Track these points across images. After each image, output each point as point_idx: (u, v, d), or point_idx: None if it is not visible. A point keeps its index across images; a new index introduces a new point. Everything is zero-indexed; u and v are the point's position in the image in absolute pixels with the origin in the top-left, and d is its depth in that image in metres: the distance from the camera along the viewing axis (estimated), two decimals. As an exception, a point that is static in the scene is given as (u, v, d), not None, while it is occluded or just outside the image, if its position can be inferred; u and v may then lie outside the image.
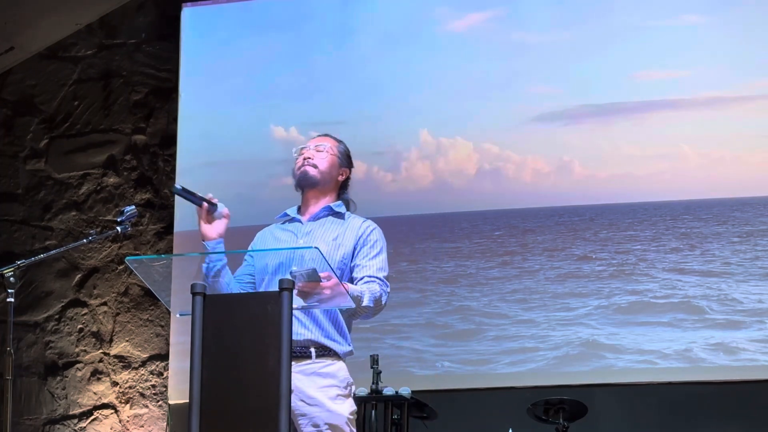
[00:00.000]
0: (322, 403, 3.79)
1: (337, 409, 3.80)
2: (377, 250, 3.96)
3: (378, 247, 3.96)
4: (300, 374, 3.79)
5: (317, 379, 3.82)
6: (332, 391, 3.82)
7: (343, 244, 3.93)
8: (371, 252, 3.94)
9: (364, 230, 3.97)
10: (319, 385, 3.81)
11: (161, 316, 6.99)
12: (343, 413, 3.81)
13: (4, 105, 7.60)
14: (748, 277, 6.12)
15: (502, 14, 6.79)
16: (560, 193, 6.52)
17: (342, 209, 4.04)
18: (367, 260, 3.93)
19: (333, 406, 3.79)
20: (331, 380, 3.83)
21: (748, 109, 6.27)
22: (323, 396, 3.80)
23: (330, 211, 4.02)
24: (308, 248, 3.76)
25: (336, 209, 4.02)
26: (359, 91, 6.91)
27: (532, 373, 6.20)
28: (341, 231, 3.96)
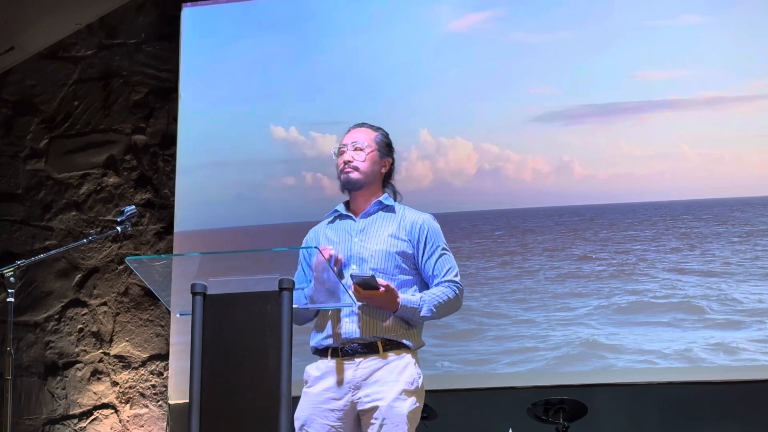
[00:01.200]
0: (386, 398, 3.78)
1: (398, 406, 3.79)
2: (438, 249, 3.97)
3: (437, 245, 3.98)
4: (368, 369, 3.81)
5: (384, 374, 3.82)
6: (397, 386, 3.81)
7: (398, 241, 3.94)
8: (432, 253, 3.96)
9: (420, 229, 3.97)
10: (385, 380, 3.81)
11: (161, 316, 6.99)
12: (403, 411, 3.79)
13: (4, 105, 7.60)
14: (748, 277, 6.12)
15: (502, 14, 6.79)
16: (560, 193, 6.52)
17: (391, 202, 4.04)
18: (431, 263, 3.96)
19: (396, 402, 3.79)
20: (397, 376, 3.83)
21: (748, 109, 6.27)
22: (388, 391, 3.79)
23: (380, 206, 4.02)
24: (308, 248, 3.77)
25: (386, 203, 4.02)
26: (359, 91, 6.91)
27: (532, 373, 6.20)
28: (395, 227, 3.96)
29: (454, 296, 3.93)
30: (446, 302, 3.91)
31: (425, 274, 3.97)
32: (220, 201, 6.98)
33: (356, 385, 3.80)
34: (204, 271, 3.71)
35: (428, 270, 3.96)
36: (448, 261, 3.98)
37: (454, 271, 3.98)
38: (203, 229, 6.93)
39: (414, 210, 4.05)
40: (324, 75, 6.98)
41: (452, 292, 3.93)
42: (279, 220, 6.64)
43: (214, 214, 6.93)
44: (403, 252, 3.93)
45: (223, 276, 3.91)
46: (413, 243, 3.95)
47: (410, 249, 3.95)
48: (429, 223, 4.01)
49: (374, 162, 4.02)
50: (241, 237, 6.79)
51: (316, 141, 6.83)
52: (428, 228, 3.99)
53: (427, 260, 3.96)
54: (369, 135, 4.06)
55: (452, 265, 3.99)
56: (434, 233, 3.99)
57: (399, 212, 4.01)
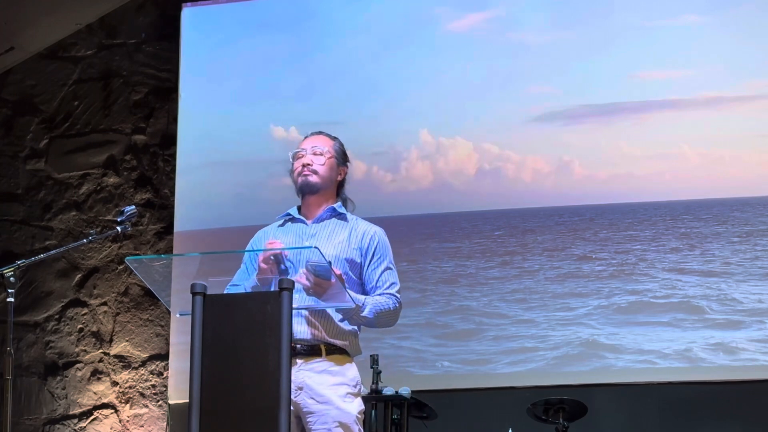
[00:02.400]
0: (332, 402, 3.79)
1: (346, 408, 3.81)
2: (384, 261, 4.00)
3: (384, 258, 4.00)
4: (310, 372, 3.81)
5: (327, 377, 3.83)
6: (342, 389, 3.83)
7: (348, 249, 3.95)
8: (379, 265, 3.98)
9: (370, 240, 3.99)
10: (329, 383, 3.82)
11: (161, 316, 6.99)
12: (352, 412, 3.82)
13: (4, 105, 7.60)
14: (748, 277, 6.12)
15: (502, 14, 6.79)
16: (560, 193, 6.52)
17: (344, 210, 4.06)
18: (376, 274, 3.97)
19: (342, 404, 3.81)
20: (341, 378, 3.85)
21: (748, 109, 6.27)
22: (333, 394, 3.80)
23: (333, 213, 4.03)
24: (309, 248, 3.77)
25: (339, 210, 4.04)
26: (359, 91, 6.91)
27: (532, 373, 6.20)
28: (346, 235, 3.98)
29: (394, 308, 3.96)
30: (386, 311, 3.93)
31: (368, 283, 3.98)
32: (220, 201, 6.98)
33: (298, 386, 3.78)
34: (204, 271, 3.71)
35: (372, 280, 3.97)
36: (393, 276, 4.01)
37: (397, 287, 4.00)
38: (203, 229, 6.93)
39: (366, 222, 4.08)
40: (324, 75, 6.98)
41: (393, 304, 3.95)
42: (279, 220, 6.64)
43: (214, 214, 6.93)
44: (351, 260, 3.94)
45: (223, 276, 3.92)
46: (362, 251, 3.97)
47: (358, 258, 3.96)
48: (380, 235, 4.04)
49: (332, 168, 4.05)
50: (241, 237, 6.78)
51: (316, 141, 6.81)
52: (378, 239, 4.01)
53: (372, 270, 3.97)
54: (327, 142, 4.09)
55: (396, 281, 4.01)
56: (383, 246, 4.02)
57: (351, 221, 4.04)
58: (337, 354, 3.88)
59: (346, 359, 3.90)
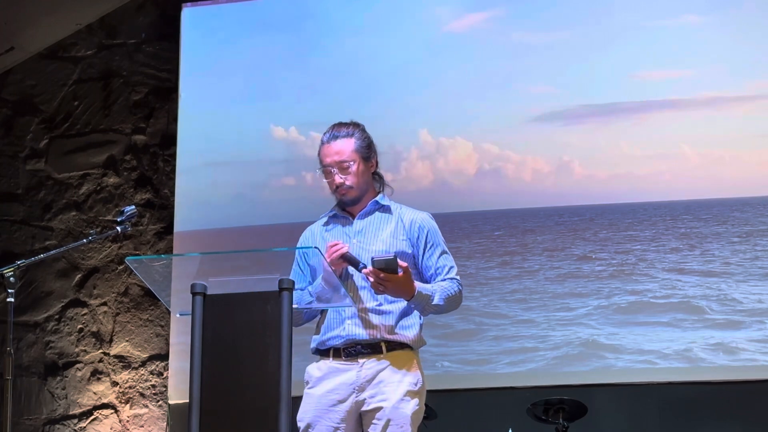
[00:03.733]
0: (390, 400, 3.79)
1: (402, 408, 3.80)
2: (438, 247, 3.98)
3: (437, 244, 3.99)
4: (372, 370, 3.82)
5: (387, 375, 3.82)
6: (401, 388, 3.82)
7: (397, 241, 3.95)
8: (434, 252, 3.97)
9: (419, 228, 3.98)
10: (388, 382, 3.82)
11: (161, 316, 6.99)
12: (407, 412, 3.80)
13: (4, 105, 7.60)
14: (748, 277, 6.12)
15: (502, 14, 6.79)
16: (560, 193, 6.52)
17: (387, 201, 4.05)
18: (433, 261, 3.96)
19: (400, 404, 3.80)
20: (401, 377, 3.84)
21: (748, 109, 6.27)
22: (392, 393, 3.80)
23: (377, 206, 4.03)
24: (308, 248, 3.77)
25: (382, 203, 4.03)
26: (359, 91, 6.91)
27: (532, 373, 6.20)
28: (392, 228, 3.97)
29: (458, 292, 3.95)
30: (453, 296, 3.93)
31: (426, 272, 3.97)
32: (220, 201, 6.98)
33: (360, 386, 3.81)
34: (204, 271, 3.71)
35: (429, 268, 3.97)
36: (449, 260, 4.00)
37: (455, 270, 4.00)
38: (203, 229, 6.93)
39: (411, 209, 4.06)
40: (324, 75, 6.98)
41: (457, 288, 3.95)
42: (279, 220, 6.64)
43: (214, 214, 6.93)
44: (402, 252, 3.93)
45: (223, 276, 3.91)
46: (412, 242, 3.96)
47: (409, 248, 3.95)
48: (428, 222, 4.02)
49: (363, 173, 4.03)
50: (241, 237, 6.79)
51: (316, 141, 6.76)
52: (428, 227, 4.00)
53: (428, 258, 3.97)
54: (348, 146, 4.03)
55: (453, 264, 4.01)
56: (433, 232, 4.01)
57: (396, 212, 4.03)
58: (399, 350, 3.87)
59: (408, 355, 3.89)
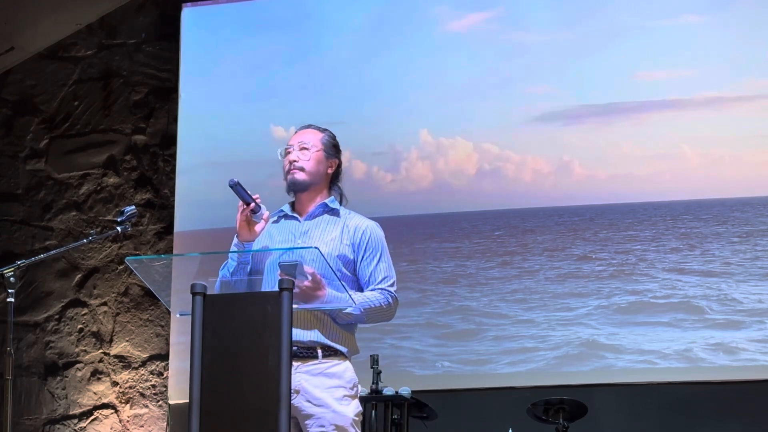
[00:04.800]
0: (329, 404, 3.77)
1: (343, 410, 3.79)
2: (377, 255, 3.93)
3: (377, 252, 3.94)
4: (306, 374, 3.79)
5: (324, 380, 3.81)
6: (339, 392, 3.81)
7: (341, 246, 3.91)
8: (372, 260, 3.92)
9: (362, 234, 3.94)
10: (325, 386, 3.80)
11: (161, 316, 6.99)
12: (348, 414, 3.80)
13: (4, 105, 7.60)
14: (748, 277, 6.12)
15: (502, 14, 6.79)
16: (560, 193, 6.52)
17: (336, 205, 4.00)
18: (369, 269, 3.92)
19: (339, 407, 3.78)
20: (337, 381, 3.82)
21: (748, 109, 6.27)
22: (329, 397, 3.78)
23: (325, 209, 3.99)
24: (308, 248, 3.76)
25: (330, 206, 4.00)
26: (359, 91, 6.91)
27: (532, 373, 6.20)
28: (338, 232, 3.93)
29: (387, 304, 3.89)
30: (377, 308, 3.86)
31: (361, 279, 3.92)
32: (220, 201, 6.96)
33: (295, 389, 3.74)
34: (204, 271, 3.71)
35: (364, 275, 3.91)
36: (386, 269, 3.93)
37: (391, 279, 3.93)
38: (203, 229, 6.93)
39: (360, 215, 4.01)
40: (324, 75, 6.98)
41: (385, 300, 3.88)
42: (279, 220, 6.64)
43: (214, 214, 6.92)
44: (344, 256, 3.89)
45: (223, 276, 3.92)
46: (354, 247, 3.92)
47: (351, 254, 3.91)
48: (372, 229, 3.97)
49: (319, 162, 3.99)
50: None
51: (316, 141, 6.81)
52: (371, 234, 3.95)
53: (365, 265, 3.91)
54: (316, 136, 4.04)
55: (389, 274, 3.94)
56: (376, 240, 3.95)
57: (343, 216, 3.98)
58: (334, 356, 3.85)
59: (343, 360, 3.87)
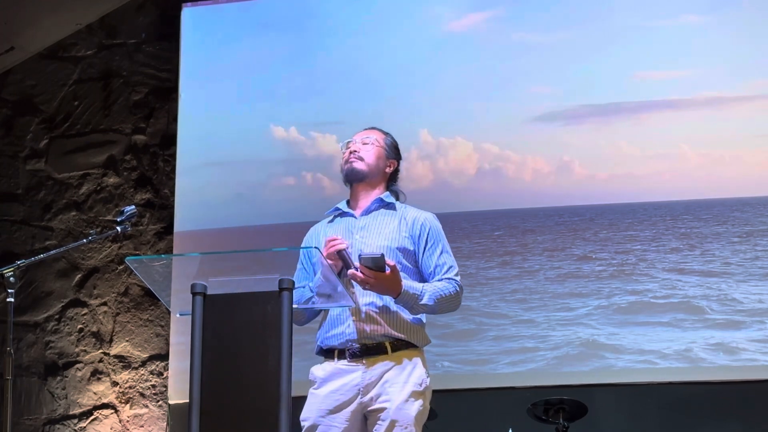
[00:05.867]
0: (394, 401, 3.77)
1: (406, 409, 3.78)
2: (439, 246, 3.96)
3: (438, 243, 3.97)
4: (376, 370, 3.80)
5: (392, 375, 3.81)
6: (407, 389, 3.81)
7: (399, 238, 3.93)
8: (434, 251, 3.95)
9: (421, 226, 3.97)
10: (393, 383, 3.80)
11: (161, 316, 6.99)
12: (411, 413, 3.79)
13: (4, 105, 7.60)
14: (748, 277, 6.12)
15: (502, 14, 6.79)
16: (560, 193, 6.52)
17: (392, 200, 4.04)
18: (432, 260, 3.94)
19: (404, 405, 3.78)
20: (405, 377, 3.82)
21: (748, 109, 6.27)
22: (396, 393, 3.79)
23: (381, 203, 4.01)
24: (308, 248, 3.77)
25: (386, 200, 4.02)
26: (359, 91, 6.91)
27: (532, 373, 6.20)
28: (395, 225, 3.96)
29: (455, 293, 3.92)
30: (447, 297, 3.90)
31: (425, 270, 3.95)
32: (220, 201, 6.98)
33: (365, 388, 3.79)
34: (204, 271, 3.72)
35: (428, 266, 3.95)
36: (449, 259, 3.98)
37: (455, 270, 3.97)
38: (203, 229, 6.93)
39: (416, 208, 4.06)
40: (324, 75, 6.98)
41: (453, 288, 3.92)
42: (279, 220, 6.64)
43: (214, 214, 6.93)
44: (404, 248, 3.92)
45: (223, 276, 3.91)
46: (414, 239, 3.95)
47: (411, 245, 3.94)
48: (431, 221, 4.01)
49: (379, 157, 4.04)
50: (241, 237, 6.79)
51: (316, 141, 6.83)
52: (430, 225, 3.99)
53: (428, 257, 3.95)
54: (379, 135, 4.11)
55: (453, 264, 3.98)
56: (436, 231, 3.99)
57: (400, 210, 4.02)
58: (403, 349, 3.85)
59: (413, 353, 3.86)
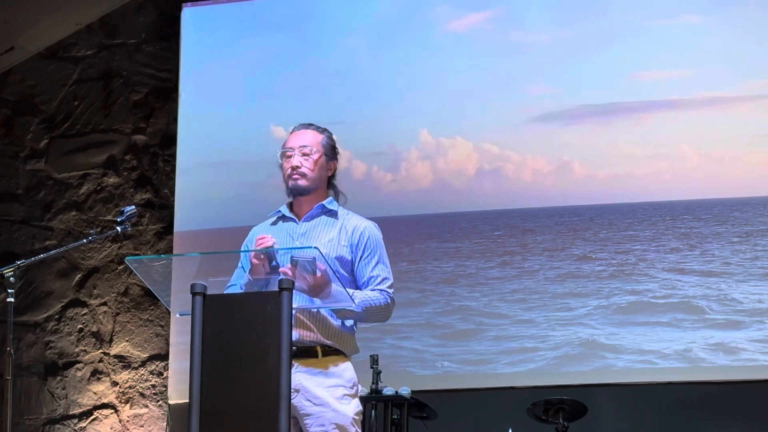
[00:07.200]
0: (328, 403, 3.78)
1: (343, 410, 3.79)
2: (375, 256, 3.94)
3: (375, 253, 3.95)
4: (306, 374, 3.80)
5: (323, 379, 3.81)
6: (338, 391, 3.81)
7: (338, 247, 3.92)
8: (370, 260, 3.93)
9: (360, 235, 3.95)
10: (325, 385, 3.80)
11: (161, 316, 6.99)
12: (348, 413, 3.80)
13: (4, 105, 7.60)
14: (748, 277, 6.12)
15: (502, 14, 6.79)
16: (560, 193, 6.52)
17: (334, 206, 4.02)
18: (367, 270, 3.93)
19: (339, 406, 3.79)
20: (337, 380, 3.83)
21: (748, 109, 6.27)
22: (329, 396, 3.79)
23: (323, 210, 4.00)
24: (308, 248, 3.76)
25: (328, 207, 4.01)
26: (359, 91, 6.91)
27: (532, 373, 6.20)
28: (335, 233, 3.95)
29: (385, 304, 3.90)
30: (377, 307, 3.87)
31: (359, 279, 3.93)
32: (220, 201, 6.98)
33: (294, 388, 3.74)
34: (204, 271, 3.71)
35: (362, 276, 3.92)
36: (384, 271, 3.95)
37: (389, 282, 3.94)
38: (203, 229, 6.93)
39: (357, 216, 4.03)
40: (323, 75, 6.98)
41: (384, 300, 3.90)
42: (279, 220, 6.65)
43: (214, 214, 6.93)
44: (341, 257, 3.91)
45: (223, 276, 3.91)
46: (352, 248, 3.93)
47: (349, 254, 3.92)
48: (371, 230, 3.98)
49: (321, 167, 4.01)
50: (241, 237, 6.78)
51: (316, 141, 6.81)
52: (369, 235, 3.96)
53: (363, 266, 3.93)
54: (316, 138, 4.06)
55: (388, 276, 3.95)
56: (374, 241, 3.96)
57: (342, 217, 3.99)
58: (334, 355, 3.85)
59: (342, 359, 3.87)
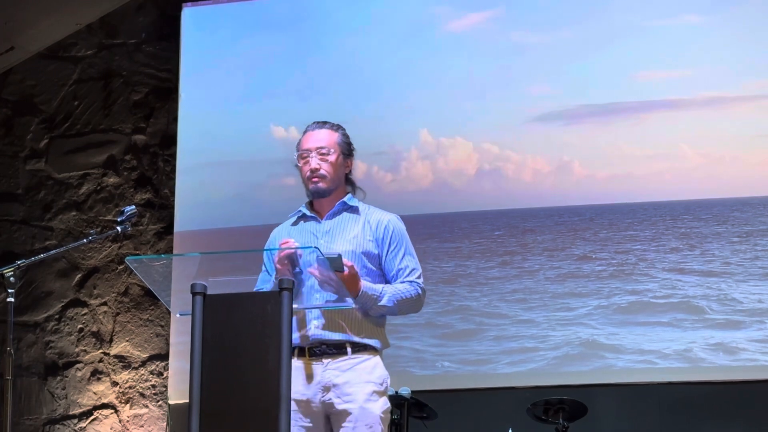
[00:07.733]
0: (357, 401, 3.79)
1: (370, 408, 3.80)
2: (402, 248, 3.97)
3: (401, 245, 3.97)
4: (336, 370, 3.81)
5: (353, 375, 3.82)
6: (368, 387, 3.82)
7: (364, 242, 3.94)
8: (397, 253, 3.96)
9: (384, 229, 3.97)
10: (355, 382, 3.81)
11: (161, 316, 6.99)
12: (376, 412, 3.81)
13: (4, 105, 7.60)
14: (748, 277, 6.12)
15: (502, 14, 6.79)
16: (560, 193, 6.52)
17: (355, 202, 4.03)
18: (395, 263, 3.95)
19: (367, 404, 3.79)
20: (367, 376, 3.83)
21: (748, 109, 6.27)
22: (359, 393, 3.80)
23: (344, 207, 4.01)
24: (308, 248, 3.77)
25: (349, 203, 4.02)
26: (359, 91, 6.91)
27: (532, 373, 6.20)
28: (359, 228, 3.96)
29: (416, 296, 3.93)
30: (408, 299, 3.91)
31: (387, 273, 3.96)
32: (220, 201, 6.98)
33: (325, 386, 3.80)
34: (204, 271, 3.71)
35: (391, 269, 3.95)
36: (412, 262, 3.98)
37: (418, 272, 3.97)
38: (203, 229, 6.93)
39: (379, 210, 4.05)
40: (324, 75, 6.98)
41: (415, 291, 3.93)
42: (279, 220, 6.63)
43: (214, 214, 6.93)
44: (368, 252, 3.93)
45: (223, 276, 3.91)
46: (378, 242, 3.95)
47: (375, 249, 3.95)
48: (394, 223, 4.01)
49: (339, 166, 4.01)
50: (241, 237, 6.79)
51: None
52: (393, 227, 3.99)
53: (391, 259, 3.95)
54: (332, 137, 4.04)
55: (416, 266, 3.98)
56: (399, 233, 3.99)
57: (363, 212, 4.01)
58: (363, 351, 3.86)
59: (373, 355, 3.88)
